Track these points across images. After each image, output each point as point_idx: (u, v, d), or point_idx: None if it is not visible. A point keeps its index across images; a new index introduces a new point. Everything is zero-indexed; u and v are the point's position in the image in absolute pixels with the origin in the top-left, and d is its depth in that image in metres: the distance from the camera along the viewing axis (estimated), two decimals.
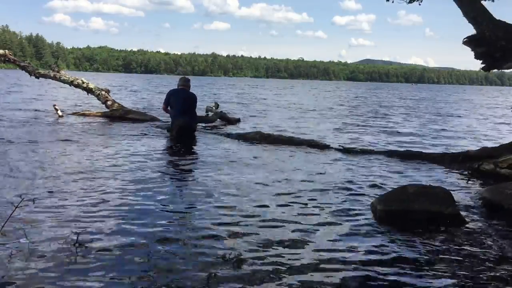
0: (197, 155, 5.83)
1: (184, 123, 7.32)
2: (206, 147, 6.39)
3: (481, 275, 2.45)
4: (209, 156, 5.68)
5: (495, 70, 6.05)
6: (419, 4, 6.57)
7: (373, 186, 4.38)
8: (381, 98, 29.07)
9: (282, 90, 38.24)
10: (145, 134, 7.47)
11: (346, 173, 4.92)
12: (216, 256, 2.53)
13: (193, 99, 7.75)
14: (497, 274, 2.48)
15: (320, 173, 4.88)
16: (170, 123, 7.75)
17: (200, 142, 6.89)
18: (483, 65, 5.81)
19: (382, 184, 4.46)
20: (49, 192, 3.69)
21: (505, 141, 6.50)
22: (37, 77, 10.55)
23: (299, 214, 3.39)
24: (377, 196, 3.71)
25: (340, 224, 3.22)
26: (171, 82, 31.48)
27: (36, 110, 10.85)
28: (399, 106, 20.12)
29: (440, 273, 2.46)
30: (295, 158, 5.78)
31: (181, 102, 7.55)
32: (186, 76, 8.64)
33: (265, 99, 22.45)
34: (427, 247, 2.86)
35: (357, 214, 3.44)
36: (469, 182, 4.83)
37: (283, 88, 46.75)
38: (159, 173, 4.68)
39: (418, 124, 11.61)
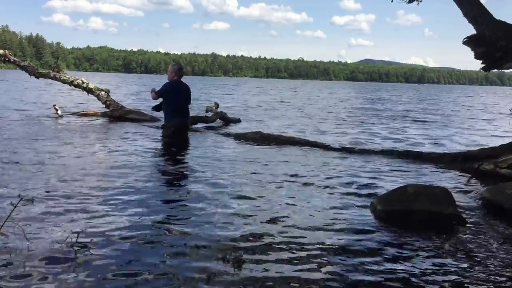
0: (197, 155, 5.81)
1: (180, 124, 7.18)
2: (206, 147, 6.38)
3: (481, 275, 2.45)
4: (209, 156, 5.68)
5: (495, 70, 6.05)
6: (417, 4, 6.56)
7: (373, 186, 4.37)
8: (381, 100, 29.06)
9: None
10: (145, 134, 7.46)
11: (346, 173, 4.91)
12: (216, 257, 2.53)
13: (188, 93, 7.43)
14: (497, 274, 2.48)
15: (320, 173, 4.87)
16: (164, 121, 7.46)
17: (200, 142, 6.88)
18: (483, 65, 5.80)
19: (382, 184, 4.46)
20: (48, 192, 3.69)
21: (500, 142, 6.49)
22: (37, 77, 10.53)
23: (298, 214, 3.38)
24: (377, 196, 3.70)
25: (340, 224, 3.21)
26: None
27: (35, 110, 10.85)
28: (399, 107, 20.13)
29: (440, 273, 2.46)
30: (295, 158, 5.77)
31: (177, 99, 7.24)
32: (179, 64, 8.11)
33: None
34: (427, 247, 2.85)
35: (357, 214, 3.44)
36: (469, 182, 4.83)
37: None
38: (159, 173, 4.69)
39: (417, 125, 11.61)
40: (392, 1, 6.62)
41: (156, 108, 7.81)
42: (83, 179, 4.19)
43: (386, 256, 2.66)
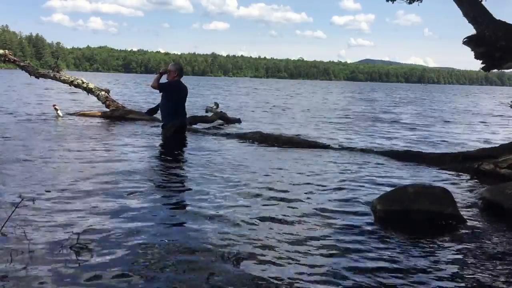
0: (197, 155, 5.82)
1: (181, 124, 7.22)
2: (206, 147, 6.38)
3: (481, 275, 2.45)
4: (209, 156, 5.68)
5: (495, 70, 6.05)
6: (418, 5, 6.56)
7: (373, 186, 4.37)
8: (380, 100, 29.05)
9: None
10: (145, 135, 7.46)
11: (346, 173, 4.92)
12: (215, 255, 2.53)
13: (187, 94, 7.52)
14: (497, 274, 2.48)
15: (320, 173, 4.87)
16: (162, 120, 7.39)
17: (200, 142, 6.88)
18: (483, 65, 5.81)
19: (382, 184, 4.46)
20: (49, 192, 3.69)
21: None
22: (37, 77, 10.56)
23: (298, 214, 3.39)
24: (377, 196, 3.70)
25: (340, 224, 3.21)
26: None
27: (35, 110, 10.85)
28: (399, 107, 20.13)
29: (440, 273, 2.46)
30: (295, 158, 5.78)
31: (178, 99, 7.25)
32: (179, 63, 8.15)
33: None
34: (427, 247, 2.85)
35: (357, 214, 3.44)
36: (469, 182, 4.83)
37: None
38: (159, 174, 4.69)
39: (417, 125, 11.62)
40: (393, 2, 6.61)
41: (150, 112, 7.81)
42: (84, 179, 4.19)
43: (386, 256, 2.66)
